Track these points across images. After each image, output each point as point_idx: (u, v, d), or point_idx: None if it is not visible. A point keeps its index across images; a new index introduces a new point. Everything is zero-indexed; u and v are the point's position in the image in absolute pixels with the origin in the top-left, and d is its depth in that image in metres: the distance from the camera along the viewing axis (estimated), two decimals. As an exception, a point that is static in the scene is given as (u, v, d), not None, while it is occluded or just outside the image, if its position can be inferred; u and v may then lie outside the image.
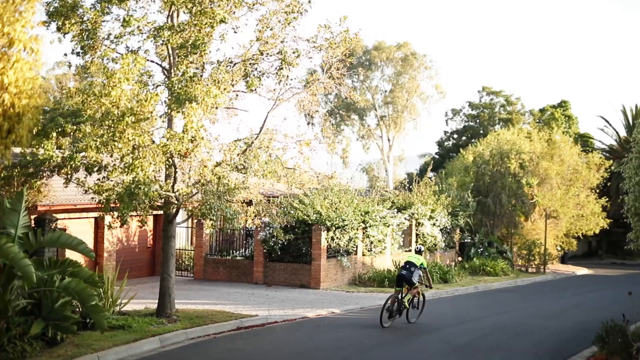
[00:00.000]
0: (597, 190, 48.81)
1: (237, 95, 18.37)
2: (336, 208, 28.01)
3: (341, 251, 28.12)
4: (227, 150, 17.30)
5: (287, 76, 17.00)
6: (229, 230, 29.02)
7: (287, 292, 25.72)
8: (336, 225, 27.49)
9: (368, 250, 29.85)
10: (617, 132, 59.60)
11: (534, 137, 44.74)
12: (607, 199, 49.87)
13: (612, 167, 50.92)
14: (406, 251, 33.00)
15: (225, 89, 15.90)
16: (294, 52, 16.88)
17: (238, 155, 17.51)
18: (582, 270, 43.42)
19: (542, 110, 61.65)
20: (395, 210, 32.26)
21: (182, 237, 31.00)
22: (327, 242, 27.33)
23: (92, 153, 14.88)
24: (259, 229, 27.41)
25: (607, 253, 58.03)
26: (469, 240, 38.24)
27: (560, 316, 22.25)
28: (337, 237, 27.66)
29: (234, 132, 18.86)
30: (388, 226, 30.56)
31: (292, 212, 26.83)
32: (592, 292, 31.27)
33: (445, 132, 65.69)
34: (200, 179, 16.44)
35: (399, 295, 19.04)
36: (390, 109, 66.63)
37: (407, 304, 19.20)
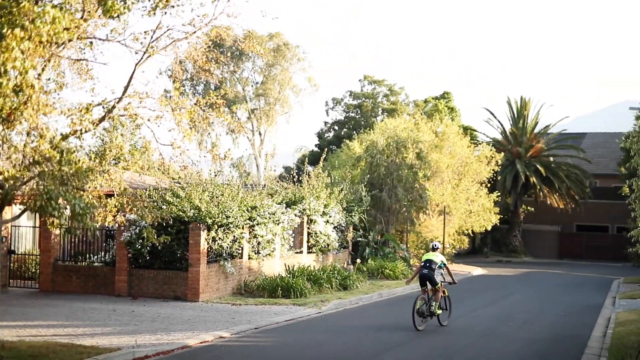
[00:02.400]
0: (488, 185, 46.31)
1: (91, 42, 13.16)
2: (218, 202, 23.04)
3: (224, 254, 23.18)
4: (78, 117, 12.05)
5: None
6: (84, 230, 23.42)
7: (159, 306, 20.58)
8: (218, 223, 22.54)
9: (255, 253, 25.03)
10: (501, 125, 57.69)
11: (423, 128, 41.39)
12: (498, 194, 47.48)
13: (500, 161, 48.53)
14: (297, 252, 28.50)
15: (72, 21, 10.61)
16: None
17: (94, 124, 12.30)
18: (476, 270, 40.36)
19: (425, 102, 58.93)
20: (284, 205, 27.60)
21: (27, 239, 25.19)
22: (208, 243, 22.33)
23: None
24: (122, 228, 22.13)
25: (491, 250, 55.99)
26: (363, 239, 34.12)
27: (497, 334, 18.15)
28: (220, 238, 22.71)
29: (88, 95, 13.55)
30: (278, 224, 25.86)
31: (164, 207, 21.64)
32: (505, 297, 27.81)
33: (326, 123, 61.79)
34: (35, 155, 11.11)
35: (426, 296, 18.40)
36: (261, 102, 63.13)
37: (437, 310, 18.45)
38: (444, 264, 18.70)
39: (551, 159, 55.86)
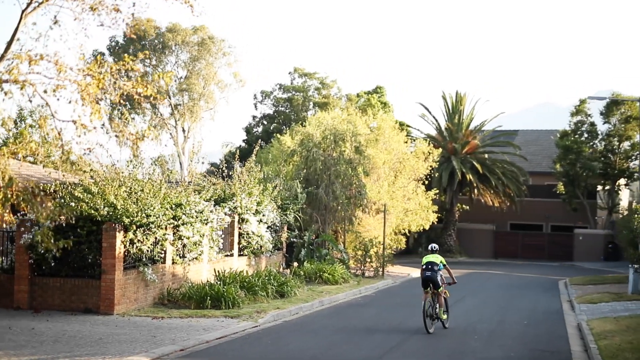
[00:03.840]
0: (425, 182, 44.28)
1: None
2: (137, 199, 19.89)
3: (144, 259, 20.02)
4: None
5: None
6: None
7: (65, 321, 17.34)
8: (137, 223, 19.39)
9: (180, 257, 21.93)
10: (436, 120, 55.86)
11: (357, 122, 38.89)
12: (436, 191, 45.50)
13: (437, 157, 46.50)
14: (227, 256, 25.48)
15: None
16: None
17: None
18: (416, 272, 38.08)
19: (358, 96, 56.63)
20: (213, 203, 24.59)
21: None
22: (125, 246, 19.14)
23: None
24: (22, 229, 18.80)
25: (426, 250, 54.01)
26: (298, 240, 31.33)
27: (468, 351, 15.59)
28: (139, 240, 19.54)
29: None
30: (206, 223, 22.81)
31: (72, 203, 18.36)
32: (457, 302, 25.24)
33: (254, 117, 58.82)
34: None
35: (429, 297, 18.17)
36: (185, 97, 60.00)
37: (442, 315, 18.42)
38: (444, 265, 18.56)
39: (486, 155, 54.34)
